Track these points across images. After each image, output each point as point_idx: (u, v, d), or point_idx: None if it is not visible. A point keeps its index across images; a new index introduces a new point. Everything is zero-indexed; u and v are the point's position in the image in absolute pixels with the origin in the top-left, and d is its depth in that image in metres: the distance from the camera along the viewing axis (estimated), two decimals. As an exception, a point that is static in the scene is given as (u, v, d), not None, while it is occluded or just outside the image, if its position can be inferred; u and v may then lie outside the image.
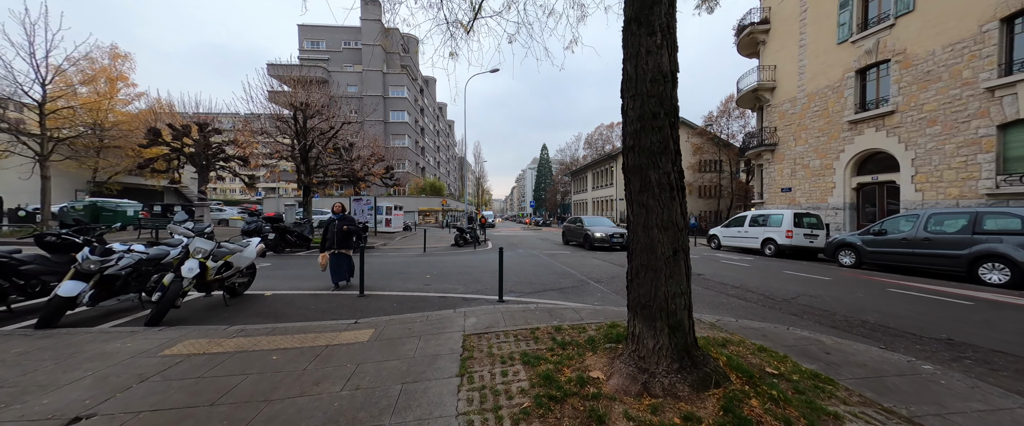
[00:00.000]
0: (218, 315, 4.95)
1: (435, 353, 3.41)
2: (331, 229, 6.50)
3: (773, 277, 7.96)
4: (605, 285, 6.96)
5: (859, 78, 13.96)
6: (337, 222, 6.53)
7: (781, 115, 17.20)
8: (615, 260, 10.55)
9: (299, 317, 4.90)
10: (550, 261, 10.47)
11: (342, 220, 6.55)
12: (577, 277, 7.81)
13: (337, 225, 6.51)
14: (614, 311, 4.67)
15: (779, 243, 12.14)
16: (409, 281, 7.37)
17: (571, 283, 7.14)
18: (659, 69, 2.62)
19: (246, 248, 5.81)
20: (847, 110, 14.15)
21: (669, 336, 2.52)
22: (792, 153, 16.63)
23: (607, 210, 40.78)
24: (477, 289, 6.63)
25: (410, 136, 46.76)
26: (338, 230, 6.47)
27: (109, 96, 29.31)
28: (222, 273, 5.27)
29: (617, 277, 7.77)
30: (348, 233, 6.51)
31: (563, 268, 9.05)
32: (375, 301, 5.75)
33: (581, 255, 12.05)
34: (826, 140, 15.03)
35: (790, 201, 16.71)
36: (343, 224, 6.50)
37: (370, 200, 21.23)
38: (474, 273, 8.24)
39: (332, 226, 6.51)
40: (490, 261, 10.30)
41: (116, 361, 3.29)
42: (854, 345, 3.47)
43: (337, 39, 45.55)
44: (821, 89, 15.23)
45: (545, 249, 14.09)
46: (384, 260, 10.70)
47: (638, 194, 2.68)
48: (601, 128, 61.87)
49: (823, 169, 15.20)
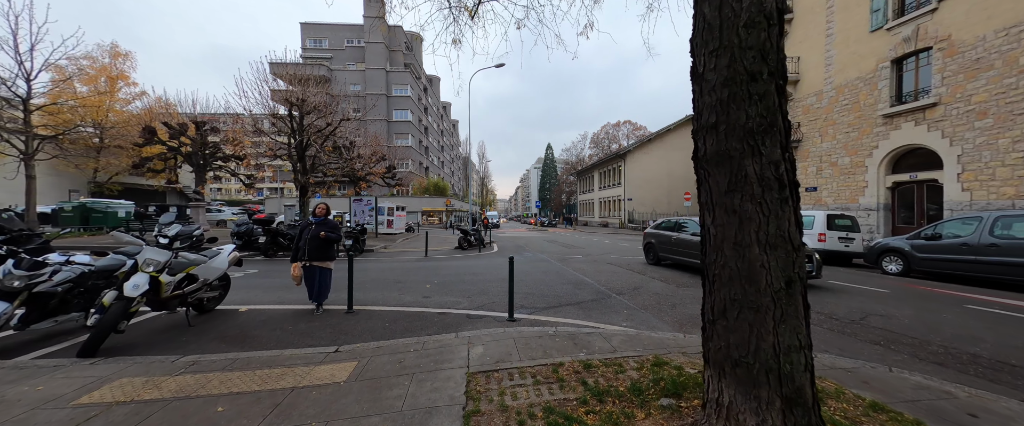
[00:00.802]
0: (174, 340, 4.15)
1: (430, 405, 2.57)
2: (305, 236, 5.11)
3: (815, 288, 7.02)
4: (628, 298, 6.08)
5: (895, 68, 12.91)
6: (314, 227, 5.16)
7: (805, 110, 16.15)
8: (634, 266, 9.65)
9: (271, 342, 4.09)
10: (561, 267, 9.60)
11: (321, 225, 5.20)
12: (595, 287, 6.93)
13: (313, 231, 5.11)
14: (652, 339, 3.79)
15: (810, 247, 11.14)
16: (406, 292, 6.54)
17: (589, 295, 6.27)
18: (759, 7, 1.75)
19: (215, 257, 5.02)
20: (881, 103, 13.11)
21: (784, 412, 1.65)
22: (817, 150, 15.59)
23: (615, 210, 39.77)
24: (483, 303, 5.78)
25: (413, 135, 46.09)
26: (314, 237, 5.06)
27: (110, 95, 28.97)
28: (183, 287, 4.47)
29: (641, 288, 6.88)
30: (327, 242, 5.14)
31: (577, 276, 8.18)
32: (364, 319, 4.93)
33: (596, 261, 11.15)
34: (857, 136, 13.99)
35: (815, 202, 15.68)
36: (322, 230, 5.14)
37: (370, 200, 20.49)
38: (479, 282, 7.40)
39: (307, 232, 5.14)
40: (497, 267, 9.46)
41: (8, 417, 2.48)
42: (998, 400, 2.57)
43: (340, 37, 44.99)
44: (851, 81, 14.19)
45: (555, 253, 13.22)
46: (382, 265, 9.91)
47: (724, 195, 1.82)
48: (607, 127, 60.86)
49: (853, 167, 14.15)
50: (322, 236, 5.08)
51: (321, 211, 5.37)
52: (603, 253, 13.13)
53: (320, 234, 5.08)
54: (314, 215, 5.38)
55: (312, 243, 5.05)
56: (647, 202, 36.15)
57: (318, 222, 5.25)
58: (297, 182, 15.22)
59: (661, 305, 5.61)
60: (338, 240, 5.29)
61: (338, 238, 5.27)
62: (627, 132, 58.76)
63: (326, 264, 5.18)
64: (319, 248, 5.09)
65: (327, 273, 5.23)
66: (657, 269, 9.23)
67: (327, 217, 5.36)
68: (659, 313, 5.16)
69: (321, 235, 5.08)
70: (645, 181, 36.67)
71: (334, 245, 5.31)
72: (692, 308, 5.37)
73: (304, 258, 5.02)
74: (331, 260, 5.24)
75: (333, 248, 5.28)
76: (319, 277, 5.13)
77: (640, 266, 9.75)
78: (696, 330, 4.17)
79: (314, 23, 45.04)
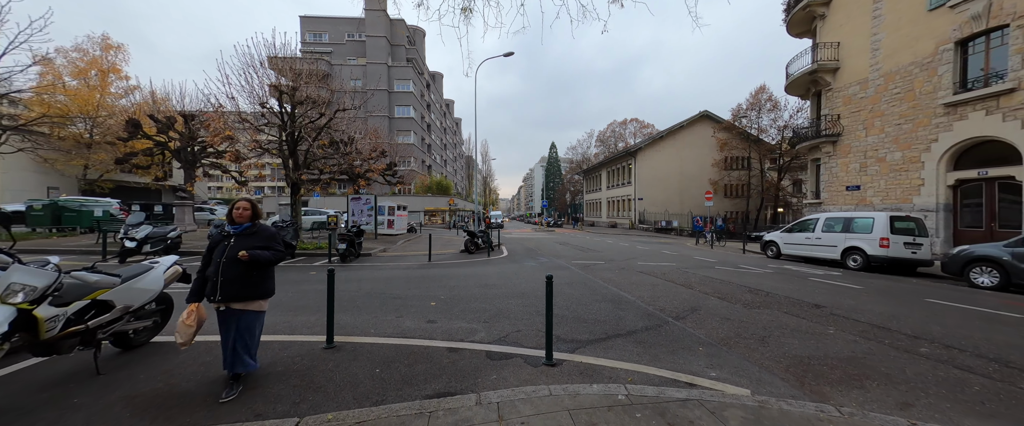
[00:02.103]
0: (57, 403, 2.80)
1: None
2: (217, 257, 2.89)
3: (920, 308, 5.61)
4: (691, 324, 4.69)
5: (960, 51, 11.43)
6: (231, 241, 2.92)
7: (846, 100, 14.68)
8: (671, 275, 8.26)
9: (204, 404, 2.73)
10: (587, 277, 8.22)
11: (243, 237, 2.94)
12: (640, 307, 5.55)
13: (231, 247, 2.88)
14: (790, 414, 2.41)
15: (869, 254, 9.72)
16: (407, 313, 5.19)
17: (639, 320, 4.89)
18: None
19: (144, 274, 3.68)
20: (942, 90, 11.63)
21: None
22: (861, 145, 14.12)
23: (624, 210, 38.33)
24: (505, 332, 4.42)
25: (416, 132, 44.80)
26: (230, 260, 2.83)
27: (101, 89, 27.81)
28: (86, 321, 3.12)
29: (698, 309, 5.49)
30: (253, 267, 2.90)
31: (611, 290, 6.80)
32: (347, 360, 3.58)
33: (623, 269, 9.77)
34: (911, 128, 12.51)
35: (858, 202, 14.21)
36: (244, 245, 2.87)
37: (369, 199, 19.17)
38: (496, 298, 6.04)
39: (220, 250, 2.90)
40: (512, 277, 8.10)
41: None
42: None
43: (340, 31, 43.74)
44: (904, 67, 12.71)
45: (573, 258, 11.85)
46: (379, 274, 8.56)
47: None
48: (613, 125, 59.41)
49: (906, 163, 12.68)
50: (243, 257, 2.78)
51: (243, 213, 2.98)
52: (626, 258, 11.75)
53: (239, 254, 2.78)
54: (232, 221, 2.99)
55: (227, 270, 2.80)
56: (658, 202, 34.69)
57: (239, 233, 2.93)
58: (288, 179, 13.90)
59: (743, 337, 4.22)
60: (276, 260, 3.03)
61: (276, 258, 3.01)
62: (634, 130, 57.33)
63: (253, 305, 2.93)
64: (241, 278, 2.82)
65: (253, 320, 2.96)
66: (704, 281, 7.84)
67: (257, 222, 3.05)
68: (750, 352, 3.78)
69: (240, 256, 2.78)
70: (656, 180, 35.22)
71: (269, 271, 3.07)
72: (791, 343, 3.98)
73: (213, 295, 2.80)
74: (264, 296, 3.01)
75: (266, 277, 3.04)
76: (239, 327, 2.87)
77: (678, 275, 8.36)
78: (841, 392, 2.81)
79: (313, 16, 43.81)
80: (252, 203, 3.08)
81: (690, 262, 10.99)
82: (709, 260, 11.61)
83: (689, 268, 9.69)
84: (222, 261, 2.84)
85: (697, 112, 36.21)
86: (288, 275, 8.31)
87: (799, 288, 7.11)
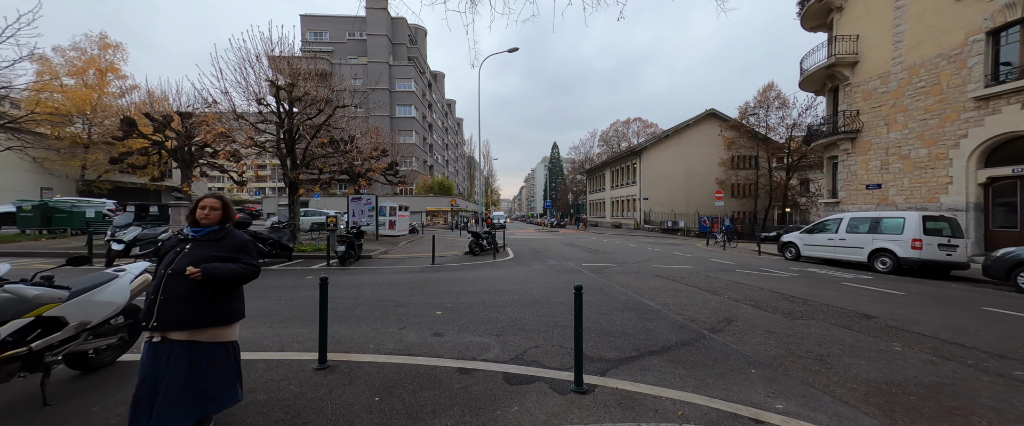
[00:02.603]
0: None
1: None
2: (162, 267, 2.11)
3: (983, 319, 5.04)
4: (732, 338, 4.15)
5: (991, 41, 10.85)
6: (186, 248, 2.15)
7: (866, 95, 14.09)
8: (692, 279, 7.71)
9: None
10: (603, 282, 7.68)
11: (202, 245, 2.16)
12: (669, 317, 5.00)
13: (182, 256, 2.10)
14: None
15: (900, 256, 9.15)
16: (410, 324, 4.66)
17: (672, 333, 4.34)
18: None
19: (106, 285, 3.16)
20: (972, 83, 11.05)
21: None
22: (883, 141, 13.53)
23: (629, 210, 37.75)
24: (522, 347, 3.89)
25: (418, 132, 44.34)
26: (176, 273, 2.03)
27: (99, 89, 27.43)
28: (29, 343, 2.60)
29: (734, 319, 4.94)
30: (210, 284, 2.06)
31: (632, 296, 6.25)
32: (342, 384, 3.05)
33: (638, 272, 9.23)
34: (937, 123, 11.92)
35: (879, 201, 13.62)
36: (202, 254, 2.11)
37: (370, 199, 18.67)
38: (507, 307, 5.50)
39: (168, 259, 2.13)
40: (521, 280, 7.56)
41: None
42: None
43: (341, 30, 43.35)
44: (929, 59, 12.12)
45: (582, 260, 11.31)
46: (379, 278, 8.04)
47: None
48: (616, 124, 58.92)
49: (932, 160, 12.08)
50: (191, 275, 1.97)
51: (211, 214, 2.21)
52: (639, 261, 11.21)
53: (186, 271, 1.99)
54: (194, 222, 2.23)
55: (171, 286, 2.00)
56: (664, 202, 34.11)
57: (199, 238, 2.18)
58: (286, 178, 13.41)
59: (798, 356, 3.67)
60: (243, 277, 2.17)
61: (242, 274, 2.16)
62: (637, 130, 56.80)
63: (206, 334, 2.07)
64: (190, 297, 2.01)
65: (218, 354, 2.11)
66: (729, 286, 7.29)
67: (227, 227, 2.28)
68: (813, 376, 3.22)
69: (188, 273, 1.98)
70: (662, 179, 34.64)
71: (237, 289, 2.26)
72: (858, 364, 3.42)
73: (151, 323, 1.97)
74: (227, 321, 2.16)
75: (231, 295, 2.21)
76: (193, 366, 2.00)
77: (699, 279, 7.81)
78: None
79: (314, 15, 43.42)
80: (224, 201, 2.32)
81: (707, 265, 10.43)
82: (727, 262, 11.05)
83: (708, 271, 9.14)
84: (166, 273, 2.04)
85: (703, 110, 35.63)
86: (283, 280, 7.79)
87: (836, 294, 6.55)
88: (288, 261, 10.42)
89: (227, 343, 2.17)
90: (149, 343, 2.00)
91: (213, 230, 2.23)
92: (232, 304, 2.22)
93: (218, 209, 2.26)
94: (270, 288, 6.81)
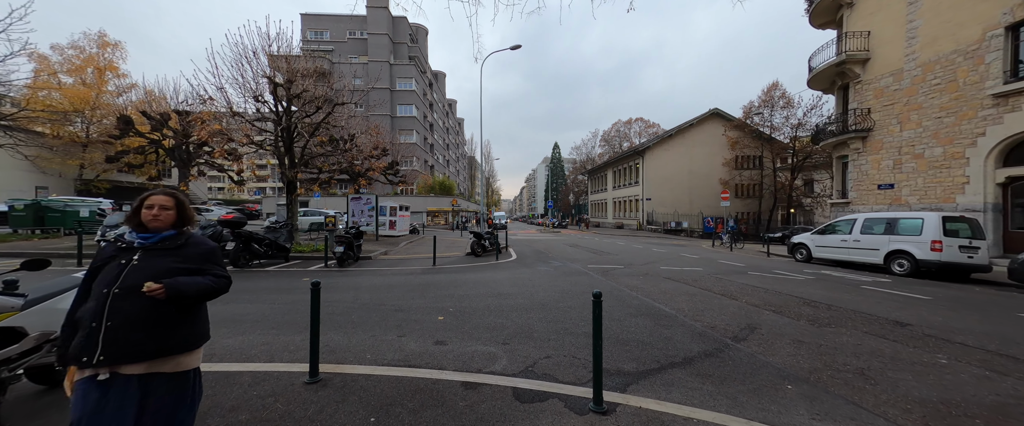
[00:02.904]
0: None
1: None
2: (101, 285, 1.58)
3: (1021, 327, 4.71)
4: (758, 347, 3.83)
5: (1010, 36, 10.51)
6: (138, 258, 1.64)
7: (878, 93, 13.76)
8: (704, 281, 7.39)
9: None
10: (610, 284, 7.37)
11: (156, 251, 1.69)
12: (687, 324, 4.68)
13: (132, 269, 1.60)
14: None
15: (918, 258, 8.82)
16: (410, 331, 4.35)
17: (692, 343, 4.02)
18: None
19: (73, 290, 2.86)
20: (990, 80, 10.71)
21: None
22: (895, 140, 13.19)
23: (631, 211, 37.42)
24: (531, 357, 3.58)
25: (418, 131, 44.07)
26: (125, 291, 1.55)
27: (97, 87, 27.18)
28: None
29: (757, 327, 4.62)
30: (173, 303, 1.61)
31: (645, 301, 5.94)
32: (333, 401, 2.74)
33: (647, 274, 8.91)
34: (953, 122, 11.58)
35: (892, 201, 13.28)
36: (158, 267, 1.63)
37: (370, 199, 18.38)
38: (513, 312, 5.19)
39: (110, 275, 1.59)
40: (526, 283, 7.25)
41: None
42: None
43: (342, 29, 43.10)
44: (945, 55, 11.79)
45: (588, 262, 11.00)
46: (379, 280, 7.73)
47: None
48: (618, 124, 58.63)
49: (947, 159, 11.75)
50: (150, 293, 1.53)
51: (161, 216, 1.71)
52: (646, 262, 10.89)
53: (143, 288, 1.53)
54: (139, 227, 1.72)
55: (120, 308, 1.53)
56: (667, 202, 33.77)
57: (151, 246, 1.69)
58: (284, 177, 13.12)
59: (835, 369, 3.34)
60: (212, 292, 1.73)
61: (213, 289, 1.73)
62: (639, 130, 56.51)
63: (177, 362, 1.64)
64: (150, 321, 1.56)
65: (179, 388, 1.64)
66: (744, 290, 6.97)
67: (186, 231, 1.82)
68: (858, 394, 2.90)
69: (147, 289, 1.53)
70: (664, 180, 34.30)
71: (201, 307, 1.80)
72: (904, 380, 3.10)
73: (87, 354, 1.47)
74: (195, 345, 1.72)
75: (197, 315, 1.76)
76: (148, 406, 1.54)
77: (712, 282, 7.48)
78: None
79: (314, 14, 43.19)
80: (178, 200, 1.80)
81: (717, 267, 10.11)
82: (737, 264, 10.72)
83: (719, 274, 8.82)
84: (112, 292, 1.54)
85: (707, 110, 35.32)
86: (278, 282, 7.49)
87: (859, 299, 6.22)
88: (285, 262, 10.12)
89: (190, 372, 1.72)
90: (87, 381, 1.49)
91: (169, 236, 1.75)
92: (199, 324, 1.79)
93: (170, 209, 1.76)
94: (264, 291, 6.51)
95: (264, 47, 12.00)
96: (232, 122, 12.06)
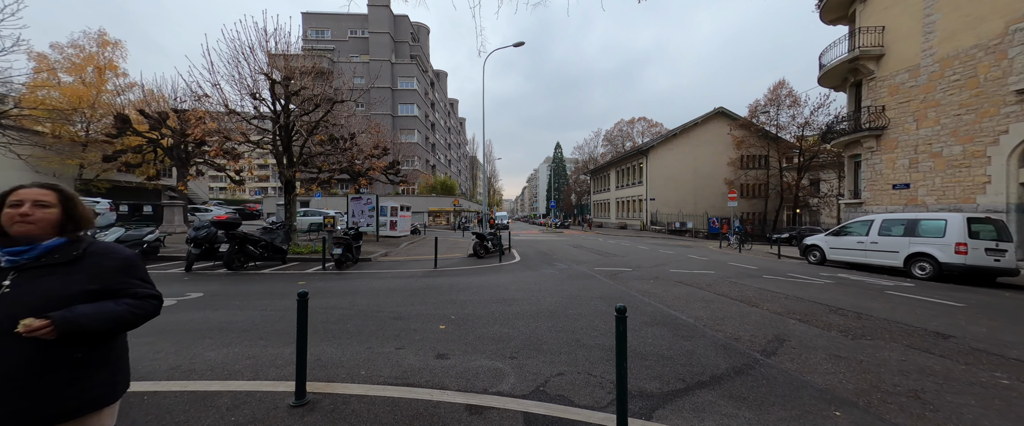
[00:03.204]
0: None
1: None
2: None
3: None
4: (791, 361, 3.47)
5: (1035, 30, 10.11)
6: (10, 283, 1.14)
7: (893, 90, 13.35)
8: (718, 286, 7.02)
9: None
10: (620, 288, 7.02)
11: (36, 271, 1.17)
12: (709, 335, 4.33)
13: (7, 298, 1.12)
14: None
15: (941, 261, 8.42)
16: (408, 341, 4.02)
17: (718, 356, 3.67)
18: None
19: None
20: (1014, 76, 10.30)
21: None
22: (911, 138, 12.78)
23: (635, 211, 37.02)
24: (542, 374, 3.23)
25: (420, 131, 43.78)
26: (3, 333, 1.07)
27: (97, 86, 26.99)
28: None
29: (786, 338, 4.26)
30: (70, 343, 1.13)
31: (661, 308, 5.58)
32: (323, 423, 2.41)
33: (657, 278, 8.55)
34: (973, 119, 11.18)
35: (908, 201, 12.87)
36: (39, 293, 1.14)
37: (370, 199, 18.07)
38: (519, 319, 4.84)
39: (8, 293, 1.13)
40: (532, 287, 6.90)
41: None
42: None
43: (343, 28, 42.86)
44: (964, 50, 11.38)
45: (594, 264, 10.64)
46: (377, 284, 7.40)
47: None
48: (620, 124, 58.19)
49: (967, 158, 11.34)
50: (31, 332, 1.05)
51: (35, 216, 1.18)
52: (654, 265, 10.53)
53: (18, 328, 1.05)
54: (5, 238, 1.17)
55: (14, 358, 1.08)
56: (671, 202, 33.37)
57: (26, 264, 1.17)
58: (282, 176, 12.82)
59: (884, 391, 2.98)
60: (131, 321, 1.24)
61: (132, 317, 1.24)
62: (641, 129, 56.08)
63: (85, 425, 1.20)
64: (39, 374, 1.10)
65: None
66: (763, 295, 6.60)
67: (79, 236, 1.27)
68: (917, 421, 2.54)
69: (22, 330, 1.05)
70: (669, 179, 33.89)
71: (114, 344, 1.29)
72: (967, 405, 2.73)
73: None
74: (111, 400, 1.27)
75: (116, 358, 1.30)
76: None
77: (726, 286, 7.12)
78: None
79: (315, 13, 42.96)
80: (63, 194, 1.27)
81: (728, 269, 9.74)
82: (749, 267, 10.35)
83: (732, 277, 8.45)
84: None
85: (712, 109, 34.88)
86: (272, 286, 7.17)
87: (889, 306, 5.85)
88: (282, 264, 9.81)
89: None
90: None
91: (55, 246, 1.20)
92: (116, 371, 1.29)
93: (51, 205, 1.21)
94: (256, 296, 6.19)
95: (261, 43, 11.71)
96: (229, 120, 11.76)
